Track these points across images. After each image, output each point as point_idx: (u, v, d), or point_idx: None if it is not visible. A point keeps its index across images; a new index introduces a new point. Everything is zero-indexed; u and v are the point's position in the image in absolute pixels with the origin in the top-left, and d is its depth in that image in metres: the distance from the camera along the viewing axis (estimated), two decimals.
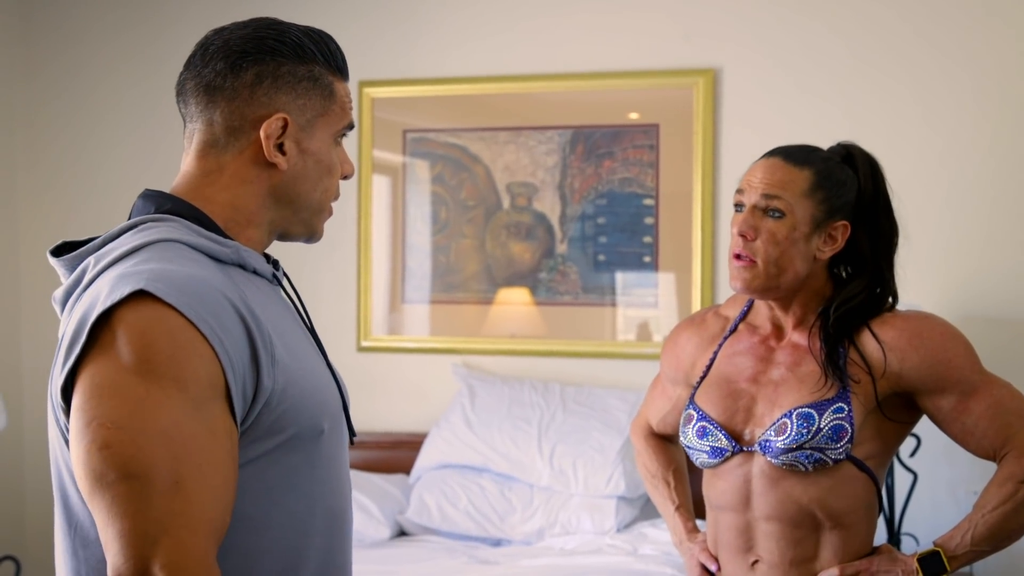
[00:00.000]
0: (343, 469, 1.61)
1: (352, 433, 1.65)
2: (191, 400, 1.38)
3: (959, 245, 3.96)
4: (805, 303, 2.30)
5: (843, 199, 2.26)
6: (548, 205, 4.35)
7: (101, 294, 1.41)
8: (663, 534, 3.70)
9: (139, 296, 1.38)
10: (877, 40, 4.06)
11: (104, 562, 1.42)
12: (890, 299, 2.32)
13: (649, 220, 4.25)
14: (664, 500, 2.57)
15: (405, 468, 4.28)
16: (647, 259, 4.26)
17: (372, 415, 4.47)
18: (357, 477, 4.13)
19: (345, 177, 1.67)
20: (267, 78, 1.56)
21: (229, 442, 1.41)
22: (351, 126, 1.66)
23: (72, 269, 1.54)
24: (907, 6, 4.05)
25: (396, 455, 4.34)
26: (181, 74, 1.61)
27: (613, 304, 4.29)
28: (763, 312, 2.35)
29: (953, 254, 3.96)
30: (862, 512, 2.27)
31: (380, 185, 4.53)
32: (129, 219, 1.57)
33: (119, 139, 4.74)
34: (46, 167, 4.82)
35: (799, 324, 2.31)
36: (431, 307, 4.49)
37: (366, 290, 4.52)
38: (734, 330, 2.40)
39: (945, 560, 2.22)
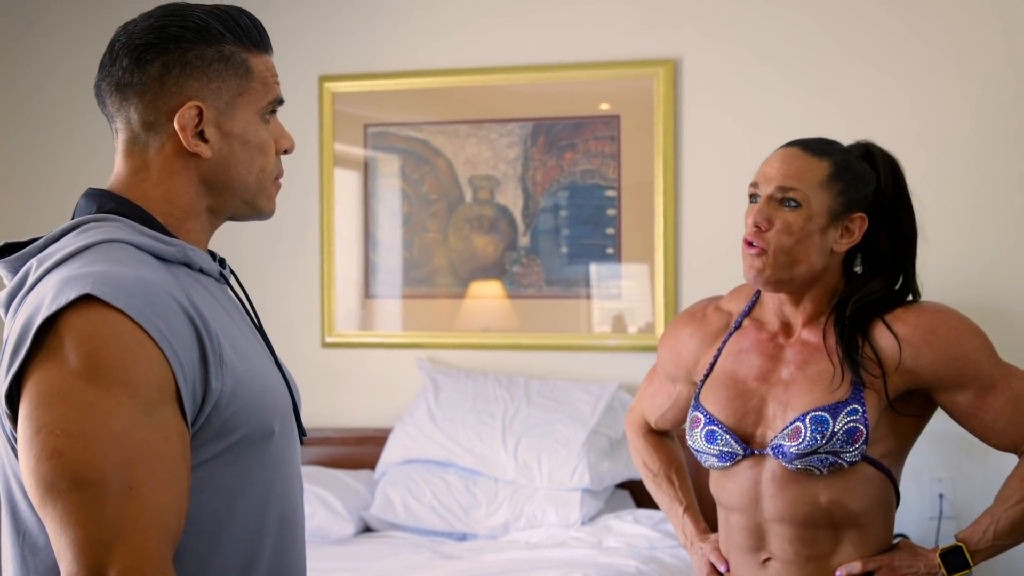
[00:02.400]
0: (294, 469, 1.60)
1: (302, 433, 1.64)
2: (141, 404, 1.36)
3: (945, 232, 3.96)
4: (817, 299, 2.24)
5: (861, 192, 2.22)
6: (510, 198, 4.34)
7: (46, 298, 1.38)
8: (628, 526, 3.70)
9: (86, 300, 1.36)
10: (844, 25, 4.05)
11: (53, 569, 1.40)
12: (910, 296, 2.27)
13: (612, 212, 4.25)
14: (670, 501, 2.52)
15: (370, 464, 4.27)
16: (610, 251, 4.25)
17: (337, 411, 4.45)
18: (322, 473, 4.12)
19: (285, 152, 1.63)
20: (175, 67, 1.52)
21: (182, 445, 1.40)
22: (279, 100, 1.60)
23: (15, 271, 1.51)
24: None
25: (361, 451, 4.33)
26: (96, 77, 1.58)
27: (577, 296, 4.29)
28: (771, 308, 2.29)
29: (938, 242, 3.95)
30: (879, 511, 2.23)
31: (342, 180, 4.51)
32: (72, 219, 1.55)
33: (60, 131, 4.69)
34: None
35: (810, 321, 2.25)
36: (398, 302, 4.48)
37: (329, 286, 4.50)
38: (739, 326, 2.33)
39: (968, 555, 2.20)
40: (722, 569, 2.34)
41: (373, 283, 4.48)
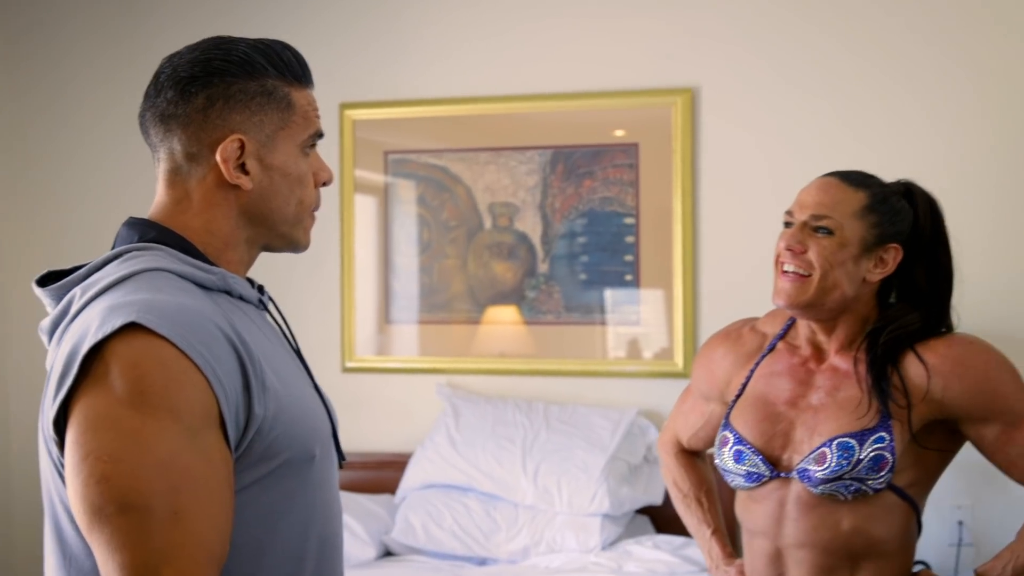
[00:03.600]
0: (334, 493, 1.62)
1: (341, 457, 1.66)
2: (186, 430, 1.39)
3: (962, 255, 3.96)
4: (850, 328, 2.26)
5: (896, 227, 2.24)
6: (529, 225, 4.37)
7: (91, 326, 1.41)
8: (647, 552, 3.71)
9: (131, 328, 1.39)
10: (863, 57, 4.08)
11: None
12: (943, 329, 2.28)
13: (630, 239, 4.28)
14: (699, 523, 2.54)
15: (391, 488, 4.29)
16: (628, 277, 4.28)
17: (357, 436, 4.48)
18: (343, 498, 4.13)
19: (324, 184, 1.65)
20: (218, 100, 1.55)
21: (225, 470, 1.43)
22: (319, 134, 1.63)
23: (58, 299, 1.54)
24: (884, 20, 4.08)
25: (382, 475, 4.35)
26: (140, 107, 1.61)
27: (595, 322, 4.31)
28: (803, 333, 2.30)
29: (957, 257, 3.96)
30: (900, 541, 2.24)
31: (363, 206, 4.54)
32: (113, 247, 1.58)
33: (103, 160, 4.74)
34: (30, 191, 4.82)
35: (842, 348, 2.27)
36: (417, 327, 4.50)
37: (350, 311, 4.53)
38: (772, 348, 2.35)
39: None
40: None
41: (392, 308, 4.51)
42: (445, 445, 4.12)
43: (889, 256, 2.24)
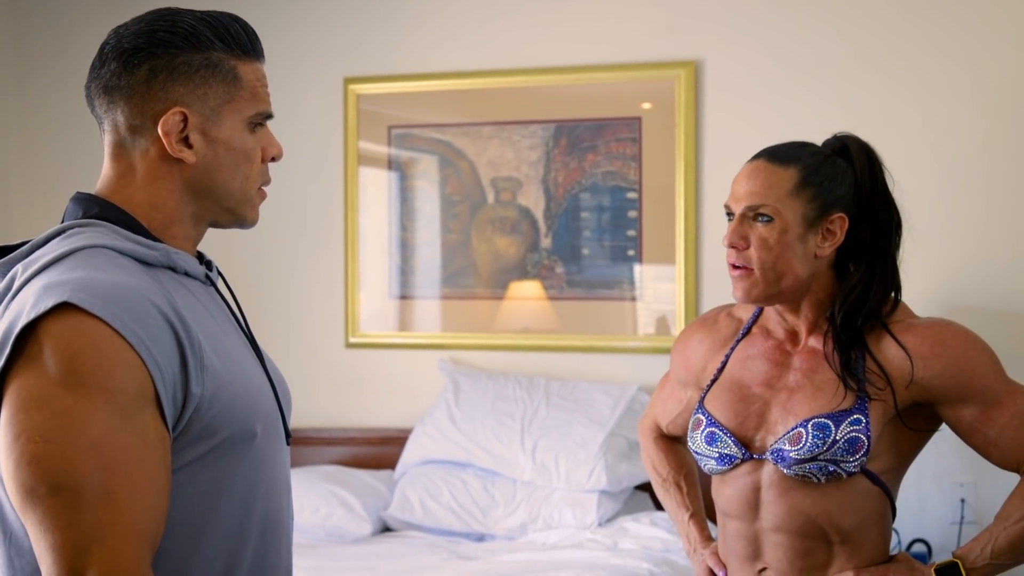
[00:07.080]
0: (279, 470, 1.61)
1: (288, 435, 1.65)
2: (120, 410, 1.38)
3: (952, 237, 3.94)
4: (815, 306, 2.22)
5: (835, 193, 2.18)
6: (532, 199, 4.35)
7: (27, 305, 1.41)
8: (644, 528, 3.70)
9: (64, 307, 1.38)
10: (864, 30, 4.04)
11: (39, 571, 1.43)
12: (893, 293, 2.23)
13: (632, 213, 4.25)
14: (677, 507, 2.52)
15: (393, 464, 4.29)
16: (631, 252, 4.25)
17: (360, 411, 4.48)
18: (342, 473, 4.14)
19: (273, 159, 1.63)
20: (161, 72, 1.54)
21: (162, 449, 1.41)
22: (268, 114, 1.61)
23: (3, 275, 1.53)
24: None
25: (384, 451, 4.35)
26: (87, 78, 1.59)
27: (598, 298, 4.29)
28: (774, 317, 2.28)
29: (946, 246, 3.93)
30: (872, 527, 2.21)
31: (366, 181, 4.53)
32: (61, 223, 1.56)
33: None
34: (40, 170, 4.83)
35: (814, 329, 2.23)
36: (421, 302, 4.49)
37: (353, 286, 4.52)
38: (747, 332, 2.33)
39: (963, 572, 2.17)
40: (720, 574, 2.34)
41: (397, 284, 4.50)
42: (444, 421, 4.11)
43: (835, 226, 2.19)
